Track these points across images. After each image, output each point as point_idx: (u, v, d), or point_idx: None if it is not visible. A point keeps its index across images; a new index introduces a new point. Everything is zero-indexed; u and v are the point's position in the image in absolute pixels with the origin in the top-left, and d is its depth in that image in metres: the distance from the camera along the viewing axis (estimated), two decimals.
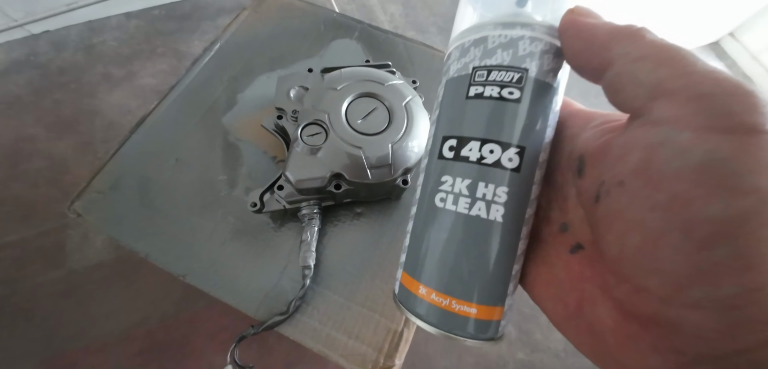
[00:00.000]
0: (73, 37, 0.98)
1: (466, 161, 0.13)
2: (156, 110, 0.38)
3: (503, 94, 0.13)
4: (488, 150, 0.13)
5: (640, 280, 0.10)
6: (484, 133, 0.13)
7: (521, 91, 0.13)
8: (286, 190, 0.30)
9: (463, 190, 0.13)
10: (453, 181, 0.14)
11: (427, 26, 1.07)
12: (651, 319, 0.10)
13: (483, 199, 0.13)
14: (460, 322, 0.14)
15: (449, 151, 0.14)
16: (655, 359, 0.10)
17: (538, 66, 0.13)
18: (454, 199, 0.14)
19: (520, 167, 0.13)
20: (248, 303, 0.30)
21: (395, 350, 0.29)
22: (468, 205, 0.13)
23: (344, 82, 0.32)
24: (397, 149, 0.30)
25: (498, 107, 0.13)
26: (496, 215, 0.13)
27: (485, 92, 0.13)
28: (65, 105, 0.87)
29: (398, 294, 0.16)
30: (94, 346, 0.65)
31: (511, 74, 0.13)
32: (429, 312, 0.14)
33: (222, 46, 0.42)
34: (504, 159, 0.13)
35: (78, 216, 0.34)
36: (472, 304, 0.13)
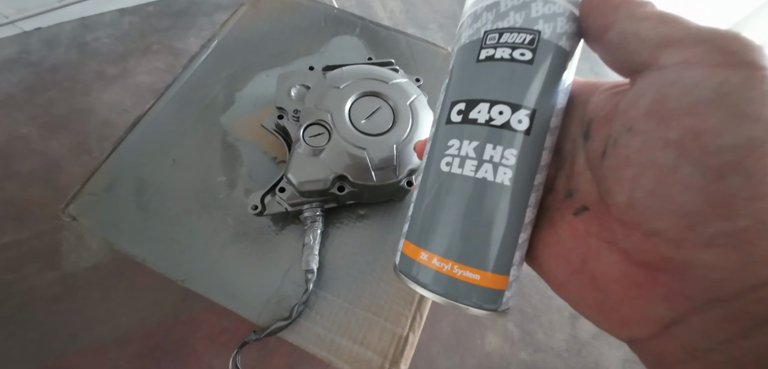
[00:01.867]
0: (66, 34, 0.96)
1: (474, 123, 0.13)
2: (151, 110, 0.37)
3: (514, 55, 0.13)
4: (497, 111, 0.13)
5: (651, 224, 0.10)
6: (494, 94, 0.13)
7: (533, 52, 0.13)
8: (288, 192, 0.29)
9: (470, 152, 0.13)
10: (460, 145, 0.13)
11: (427, 23, 1.06)
12: (660, 265, 0.10)
13: (490, 162, 0.13)
14: (463, 289, 0.13)
15: (457, 114, 0.14)
16: (661, 307, 0.10)
17: (552, 28, 0.13)
18: (461, 163, 0.13)
19: (531, 130, 0.13)
20: (250, 308, 0.30)
21: (401, 355, 0.28)
22: (474, 167, 0.13)
23: (347, 81, 0.31)
24: (402, 150, 0.29)
25: (509, 69, 0.13)
26: (503, 178, 0.13)
27: (496, 54, 0.13)
28: (59, 104, 0.85)
29: (399, 263, 0.15)
30: (91, 349, 0.64)
31: (523, 36, 0.13)
32: (431, 279, 0.14)
33: (219, 43, 0.41)
34: (513, 121, 0.13)
35: (73, 219, 0.33)
36: (476, 270, 0.13)
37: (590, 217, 0.13)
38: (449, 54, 0.43)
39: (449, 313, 0.67)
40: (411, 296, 0.30)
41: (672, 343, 0.10)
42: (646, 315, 0.10)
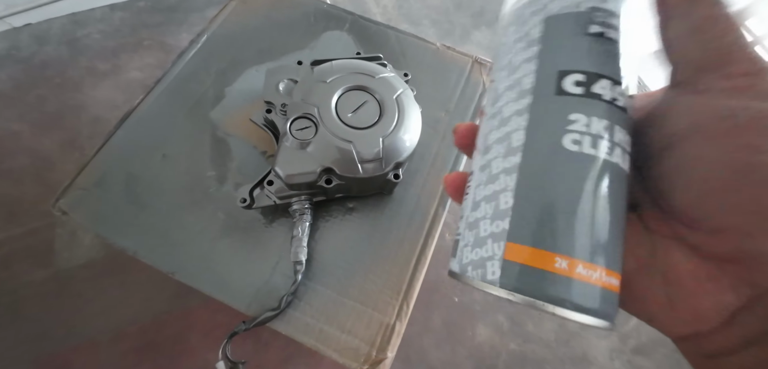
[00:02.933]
0: (56, 31, 0.95)
1: (599, 99, 0.12)
2: (141, 105, 0.37)
3: (608, 33, 0.12)
4: (619, 92, 0.12)
5: (718, 220, 0.10)
6: (614, 73, 0.12)
7: (617, 30, 0.12)
8: (276, 185, 0.29)
9: (601, 131, 0.11)
10: (588, 121, 0.11)
11: (420, 18, 1.06)
12: (730, 257, 0.10)
13: (619, 145, 0.11)
14: (612, 302, 0.11)
15: (576, 85, 0.12)
16: (730, 296, 0.11)
17: None
18: (593, 142, 0.11)
19: (628, 108, 0.12)
20: (239, 299, 0.30)
21: (387, 343, 0.29)
22: (608, 149, 0.11)
23: (334, 75, 0.31)
24: (389, 143, 0.30)
25: (607, 44, 0.12)
26: (626, 165, 0.12)
27: (607, 33, 0.12)
28: (49, 100, 0.84)
29: (506, 277, 0.11)
30: (86, 344, 0.64)
31: (607, 15, 0.12)
32: (581, 293, 0.11)
33: (209, 38, 0.41)
34: (618, 95, 0.12)
35: (63, 214, 0.33)
36: (616, 274, 0.11)
37: (645, 215, 0.13)
38: (438, 49, 0.44)
39: (441, 305, 0.68)
40: (398, 286, 0.31)
41: (734, 331, 0.11)
42: (715, 305, 0.11)
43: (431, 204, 0.35)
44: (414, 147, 0.31)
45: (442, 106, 0.40)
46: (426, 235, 0.33)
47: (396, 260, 0.32)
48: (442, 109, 0.40)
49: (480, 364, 0.63)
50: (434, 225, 0.34)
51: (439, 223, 0.34)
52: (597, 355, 0.65)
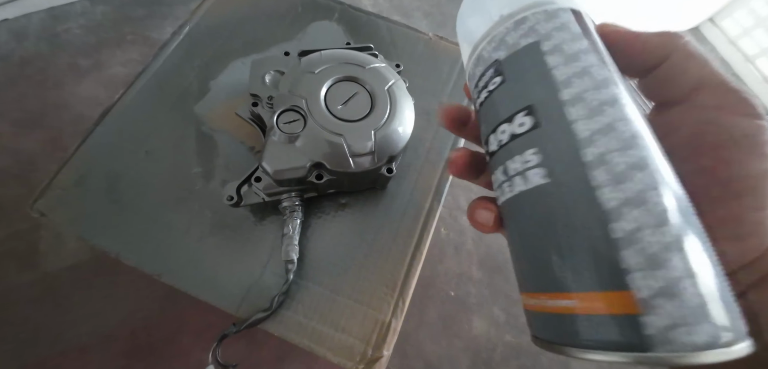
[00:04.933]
0: (35, 26, 0.91)
1: (492, 155, 0.14)
2: (121, 100, 0.36)
3: (490, 88, 0.14)
4: (501, 132, 0.14)
5: None
6: (491, 126, 0.14)
7: (501, 75, 0.14)
8: (265, 181, 0.28)
9: (502, 178, 0.14)
10: (497, 178, 0.14)
11: (412, 10, 1.04)
12: None
13: (517, 174, 0.13)
14: (562, 326, 0.11)
15: (488, 158, 0.15)
16: None
17: (505, 49, 0.14)
18: (501, 193, 0.14)
19: (538, 122, 0.12)
20: (229, 300, 0.29)
21: (383, 341, 0.29)
22: (510, 187, 0.13)
23: (323, 66, 0.30)
24: (381, 136, 0.29)
25: (493, 101, 0.14)
26: (536, 179, 0.12)
27: (482, 97, 0.15)
28: (30, 98, 0.81)
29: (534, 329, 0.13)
30: (75, 349, 0.63)
31: (490, 71, 0.14)
32: (534, 324, 0.12)
33: (191, 30, 0.40)
34: (516, 128, 0.13)
35: (42, 215, 0.32)
36: (564, 296, 0.10)
37: None
38: (430, 39, 0.43)
39: (437, 299, 0.68)
40: (393, 283, 0.31)
41: None
42: None
43: (426, 198, 0.34)
44: (407, 140, 0.31)
45: (435, 98, 0.39)
46: (421, 229, 0.33)
47: (390, 256, 0.31)
48: (435, 100, 0.39)
49: (476, 357, 0.63)
50: (429, 219, 0.33)
51: (434, 217, 0.33)
52: None
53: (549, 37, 0.13)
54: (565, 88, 0.12)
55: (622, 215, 0.10)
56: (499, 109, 0.14)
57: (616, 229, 0.10)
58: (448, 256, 0.71)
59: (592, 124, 0.11)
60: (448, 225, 0.75)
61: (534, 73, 0.12)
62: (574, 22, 0.13)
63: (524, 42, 0.13)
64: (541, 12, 0.13)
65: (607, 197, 0.10)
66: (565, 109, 0.11)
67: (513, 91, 0.13)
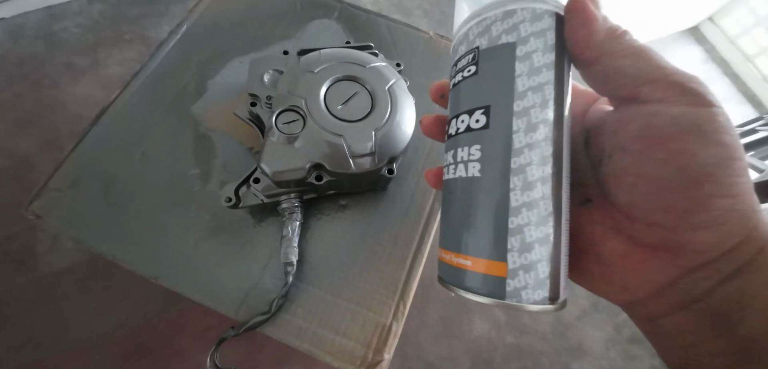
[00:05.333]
0: (32, 25, 0.90)
1: (450, 136, 0.16)
2: (117, 100, 0.35)
3: (465, 74, 0.15)
4: (460, 121, 0.15)
5: (650, 217, 0.13)
6: (457, 109, 0.16)
7: (476, 64, 0.15)
8: (263, 183, 0.28)
9: (449, 159, 0.16)
10: (446, 155, 0.16)
11: (412, 9, 1.04)
12: (660, 245, 0.13)
13: (461, 162, 0.15)
14: (459, 276, 0.14)
15: (446, 138, 0.17)
16: (658, 275, 0.13)
17: (488, 38, 0.15)
18: (447, 169, 0.16)
19: (489, 123, 0.14)
20: (228, 304, 0.29)
21: (384, 345, 0.28)
22: (453, 169, 0.15)
23: (322, 65, 0.29)
24: (381, 136, 0.28)
25: (465, 86, 0.15)
26: (473, 171, 0.14)
27: (456, 79, 0.16)
28: (26, 98, 0.81)
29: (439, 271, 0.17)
30: (73, 350, 0.62)
31: (468, 57, 0.15)
32: (441, 270, 0.16)
33: (189, 29, 0.39)
34: (472, 122, 0.15)
35: (37, 217, 0.31)
36: (467, 257, 0.14)
37: (594, 207, 0.15)
38: (430, 38, 0.42)
39: (437, 301, 0.68)
40: (394, 285, 0.30)
41: (663, 301, 0.13)
42: (645, 281, 0.13)
43: (427, 199, 0.33)
44: (408, 140, 0.30)
45: None
46: (422, 231, 0.32)
47: (391, 258, 0.31)
48: None
49: (477, 358, 0.63)
50: (430, 220, 0.33)
51: (435, 218, 0.33)
52: (592, 345, 0.65)
53: (525, 42, 0.14)
54: (519, 100, 0.14)
55: (519, 213, 0.13)
56: (465, 99, 0.15)
57: (512, 221, 0.13)
58: None
59: (525, 139, 0.14)
60: None
61: (501, 75, 0.14)
62: (553, 31, 0.14)
63: (504, 39, 0.14)
64: (529, 9, 0.14)
65: (514, 198, 0.13)
66: (513, 119, 0.14)
67: (480, 86, 0.15)
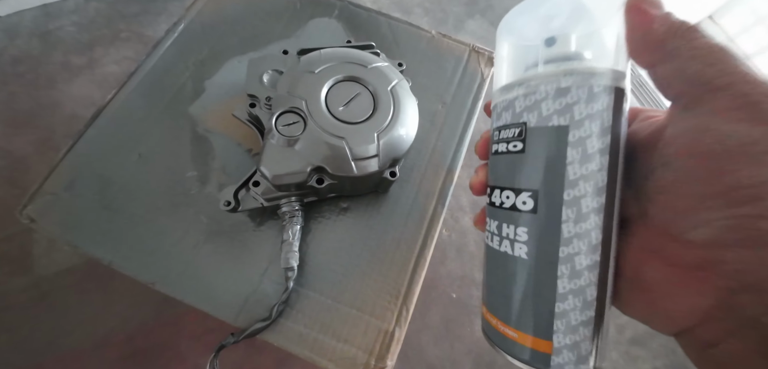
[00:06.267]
0: (27, 23, 0.89)
1: (494, 206, 0.16)
2: (113, 101, 0.34)
3: (510, 148, 0.15)
4: (505, 196, 0.15)
5: (687, 235, 0.12)
6: (502, 181, 0.15)
7: (523, 141, 0.14)
8: (263, 186, 0.27)
9: (494, 229, 0.16)
10: (490, 223, 0.16)
11: (412, 7, 1.03)
12: (699, 266, 0.12)
13: (507, 238, 0.15)
14: (506, 343, 0.15)
15: (488, 198, 0.17)
16: (700, 298, 0.12)
17: (537, 115, 0.14)
18: (490, 237, 0.16)
19: (537, 209, 0.14)
20: (227, 309, 0.28)
21: (387, 351, 0.28)
22: (498, 241, 0.15)
23: (323, 65, 0.29)
24: (385, 139, 0.28)
25: (509, 159, 0.15)
26: (520, 252, 0.14)
27: (499, 148, 0.15)
28: (22, 98, 0.80)
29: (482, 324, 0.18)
30: (70, 354, 0.61)
31: (513, 130, 0.15)
32: (485, 328, 0.17)
33: (186, 27, 0.38)
34: (518, 203, 0.14)
35: (31, 221, 0.30)
36: (514, 330, 0.15)
37: (632, 229, 0.15)
38: (433, 37, 0.41)
39: (439, 302, 0.67)
40: (397, 290, 0.30)
41: (711, 327, 0.12)
42: (688, 306, 0.13)
43: (429, 202, 0.33)
44: (411, 142, 0.29)
45: (439, 98, 0.38)
46: (424, 234, 0.31)
47: (394, 262, 0.30)
48: (439, 100, 0.38)
49: (479, 360, 0.62)
50: (433, 224, 0.32)
51: (439, 221, 0.32)
52: None
53: (579, 126, 0.13)
54: (570, 188, 0.13)
55: (566, 299, 0.14)
56: (511, 176, 0.15)
57: (558, 306, 0.14)
58: (449, 258, 0.70)
59: (575, 229, 0.13)
60: (450, 226, 0.74)
61: (551, 161, 0.14)
62: (609, 111, 0.13)
63: (556, 121, 0.13)
64: (585, 88, 0.13)
65: (562, 286, 0.14)
66: (563, 208, 0.13)
67: (527, 167, 0.14)
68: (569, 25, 0.14)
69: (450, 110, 0.37)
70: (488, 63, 0.40)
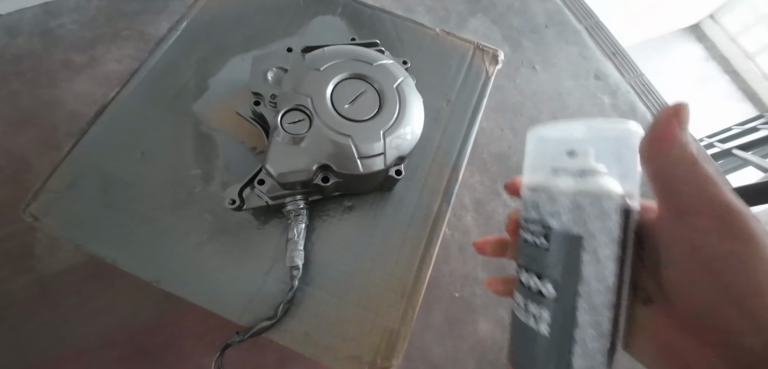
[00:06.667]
0: (28, 21, 0.89)
1: (522, 284, 0.18)
2: (116, 99, 0.34)
3: (537, 242, 0.17)
4: (533, 281, 0.17)
5: (701, 322, 0.15)
6: (530, 266, 0.18)
7: (548, 241, 0.17)
8: (268, 184, 0.27)
9: (521, 302, 0.18)
10: (517, 296, 0.18)
11: (414, 5, 1.02)
12: (717, 343, 0.15)
13: (532, 313, 0.17)
14: None
15: (516, 273, 0.19)
16: (714, 360, 0.15)
17: (559, 222, 0.16)
18: (517, 307, 0.18)
19: (558, 297, 0.16)
20: (231, 308, 0.28)
21: (392, 351, 0.27)
22: (525, 315, 0.18)
23: (328, 62, 0.29)
24: (390, 137, 0.27)
25: (535, 250, 0.17)
26: (540, 328, 0.17)
27: (528, 236, 0.18)
28: (23, 96, 0.79)
29: None
30: (72, 353, 0.61)
31: (539, 226, 0.17)
32: None
33: (189, 25, 0.38)
34: (544, 289, 0.17)
35: (34, 219, 0.30)
36: None
37: (657, 306, 0.17)
38: (437, 35, 0.41)
39: (442, 301, 0.67)
40: (402, 289, 0.29)
41: None
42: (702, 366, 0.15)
43: (434, 200, 0.33)
44: (417, 140, 0.29)
45: (443, 96, 0.38)
46: (429, 232, 0.31)
47: (398, 261, 0.30)
48: (443, 98, 0.37)
49: (482, 360, 0.62)
50: (438, 222, 0.32)
51: (444, 219, 0.32)
52: None
53: (592, 237, 0.16)
54: (584, 285, 0.16)
55: None
56: (538, 266, 0.17)
57: None
58: (452, 257, 0.70)
59: (587, 316, 0.16)
60: (453, 225, 0.73)
61: (569, 261, 0.16)
62: (618, 226, 0.16)
63: (573, 230, 0.16)
64: (597, 206, 0.16)
65: (576, 363, 0.16)
66: (578, 299, 0.16)
67: (551, 262, 0.17)
68: (588, 145, 0.17)
69: (455, 108, 0.37)
70: (493, 60, 0.40)
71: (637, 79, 0.95)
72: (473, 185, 0.80)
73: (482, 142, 0.86)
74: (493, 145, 0.87)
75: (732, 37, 1.62)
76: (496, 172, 0.84)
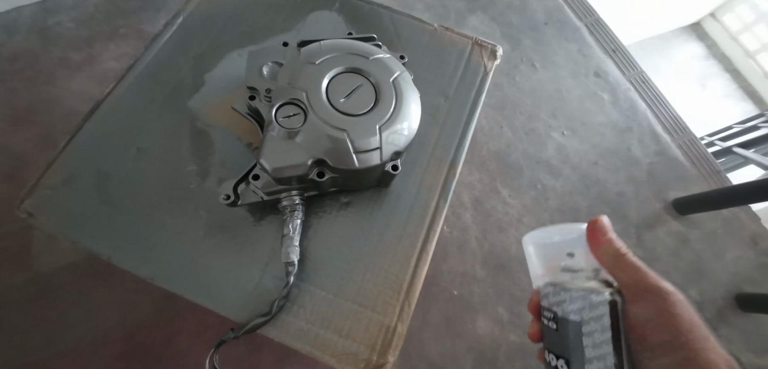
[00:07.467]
0: (26, 19, 0.88)
1: (548, 363, 0.21)
2: (112, 95, 0.34)
3: (550, 325, 0.21)
4: (551, 358, 0.21)
5: None
6: (548, 346, 0.21)
7: (557, 325, 0.20)
8: (263, 179, 0.27)
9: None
10: None
11: (413, 3, 1.02)
12: None
13: None
14: None
15: (545, 353, 0.22)
16: None
17: (563, 310, 0.20)
18: None
19: None
20: (227, 305, 0.28)
21: (388, 347, 0.27)
22: None
23: (324, 56, 0.28)
24: (386, 131, 0.27)
25: (548, 332, 0.21)
26: None
27: (544, 320, 0.21)
28: (20, 94, 0.79)
29: None
30: (70, 351, 0.61)
31: (550, 312, 0.21)
32: None
33: (185, 20, 0.38)
34: (559, 365, 0.20)
35: (29, 216, 0.30)
36: None
37: None
38: (435, 30, 0.41)
39: (440, 299, 0.67)
40: (399, 285, 0.29)
41: None
42: None
43: (431, 197, 0.32)
44: (413, 135, 0.29)
45: (441, 91, 0.37)
46: (427, 229, 0.31)
47: (395, 258, 0.30)
48: (441, 94, 0.37)
49: (480, 357, 0.62)
50: (436, 219, 0.32)
51: (441, 216, 0.32)
52: None
53: (588, 323, 0.19)
54: (588, 364, 0.19)
55: None
56: (553, 345, 0.21)
57: None
58: (451, 255, 0.70)
59: None
60: (451, 223, 0.73)
61: (574, 341, 0.19)
62: (607, 316, 0.19)
63: (573, 318, 0.20)
64: (587, 303, 0.19)
65: None
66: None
67: (561, 342, 0.20)
68: (580, 246, 0.21)
69: (452, 104, 0.37)
70: (491, 56, 0.40)
71: (637, 77, 0.95)
72: (472, 183, 0.80)
73: (481, 139, 0.86)
74: (492, 142, 0.87)
75: (733, 35, 1.62)
76: (495, 170, 0.84)
